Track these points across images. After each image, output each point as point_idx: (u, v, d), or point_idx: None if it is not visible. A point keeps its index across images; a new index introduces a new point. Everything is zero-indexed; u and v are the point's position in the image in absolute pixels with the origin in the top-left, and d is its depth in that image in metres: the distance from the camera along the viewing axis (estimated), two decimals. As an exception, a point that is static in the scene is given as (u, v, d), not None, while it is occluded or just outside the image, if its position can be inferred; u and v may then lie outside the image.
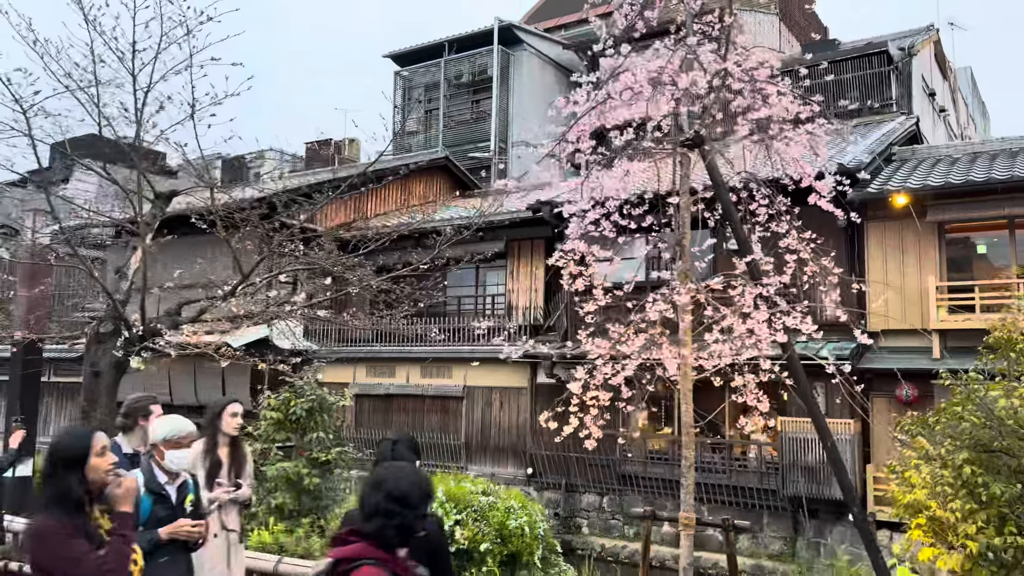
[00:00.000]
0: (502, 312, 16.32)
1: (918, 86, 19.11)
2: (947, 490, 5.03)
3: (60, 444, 2.99)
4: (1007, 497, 5.06)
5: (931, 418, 5.83)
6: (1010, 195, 10.97)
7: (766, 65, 5.23)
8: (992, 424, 5.20)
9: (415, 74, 26.13)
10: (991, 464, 5.24)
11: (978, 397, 5.32)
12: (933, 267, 12.11)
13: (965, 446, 5.25)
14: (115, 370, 7.63)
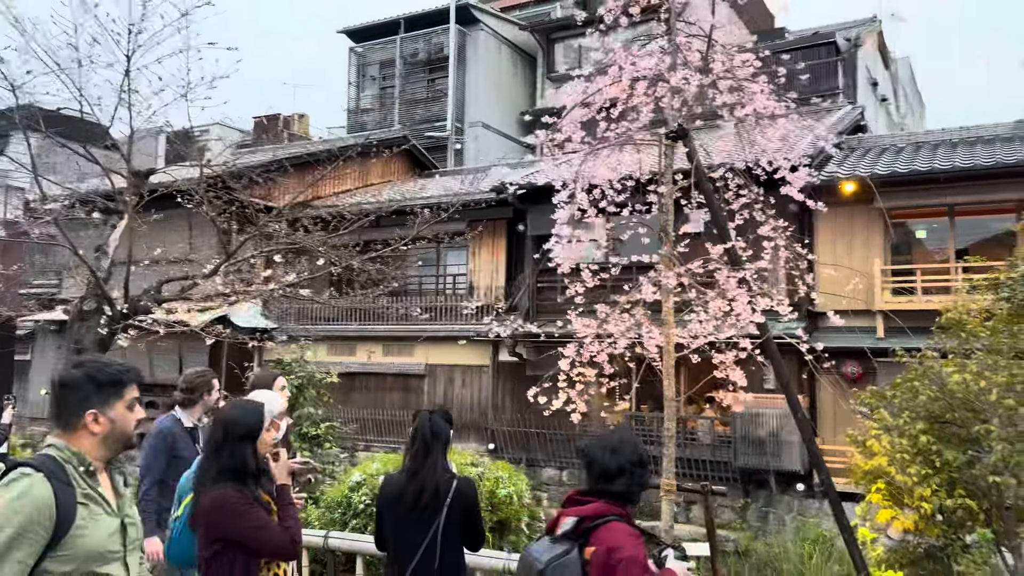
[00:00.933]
0: (463, 291, 16.57)
1: (863, 76, 19.90)
2: (905, 457, 5.54)
3: (235, 417, 3.05)
4: (957, 463, 5.59)
5: (888, 392, 6.35)
6: (951, 184, 11.67)
7: (747, 64, 5.59)
8: (944, 397, 5.72)
9: (370, 51, 25.97)
10: (943, 434, 5.77)
11: (933, 373, 5.83)
12: (879, 251, 12.78)
13: (921, 417, 5.76)
14: (99, 348, 7.67)
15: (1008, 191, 11.44)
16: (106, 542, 2.15)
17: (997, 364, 5.56)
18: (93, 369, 2.26)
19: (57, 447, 2.17)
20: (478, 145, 23.76)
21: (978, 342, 6.01)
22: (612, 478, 2.68)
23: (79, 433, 2.20)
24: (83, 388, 2.22)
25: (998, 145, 12.43)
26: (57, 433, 2.22)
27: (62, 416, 2.22)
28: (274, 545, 2.95)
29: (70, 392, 2.22)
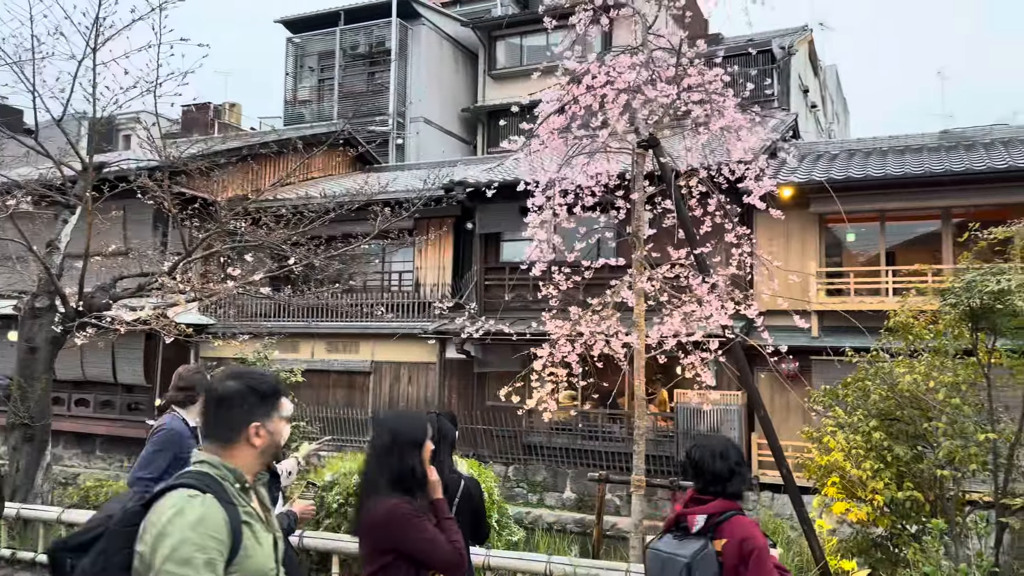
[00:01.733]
0: (410, 288, 16.55)
1: (795, 83, 20.67)
2: (860, 452, 5.89)
3: (404, 427, 2.98)
4: (906, 458, 5.98)
5: (840, 391, 6.72)
6: (883, 191, 12.28)
7: (718, 78, 5.84)
8: (895, 396, 6.11)
9: (309, 42, 25.58)
10: (893, 430, 6.16)
11: (883, 373, 6.21)
12: (813, 254, 13.35)
13: (873, 415, 6.13)
14: (52, 345, 7.46)
15: (935, 198, 12.12)
16: (267, 560, 2.09)
17: (944, 365, 5.97)
18: (253, 381, 2.19)
19: (212, 464, 2.09)
20: (419, 140, 23.70)
21: (924, 344, 6.42)
22: (726, 480, 2.94)
23: (238, 447, 2.13)
24: (246, 400, 2.15)
25: (925, 154, 13.15)
26: (211, 448, 2.14)
27: (220, 430, 2.14)
28: (444, 559, 2.88)
29: (232, 405, 2.14)
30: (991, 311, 5.78)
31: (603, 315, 6.39)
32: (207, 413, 2.18)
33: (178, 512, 1.93)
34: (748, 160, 6.41)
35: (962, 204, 12.15)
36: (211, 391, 2.18)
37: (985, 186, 11.65)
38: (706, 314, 5.82)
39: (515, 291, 15.22)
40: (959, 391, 5.85)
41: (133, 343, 15.96)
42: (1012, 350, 6.11)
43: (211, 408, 2.16)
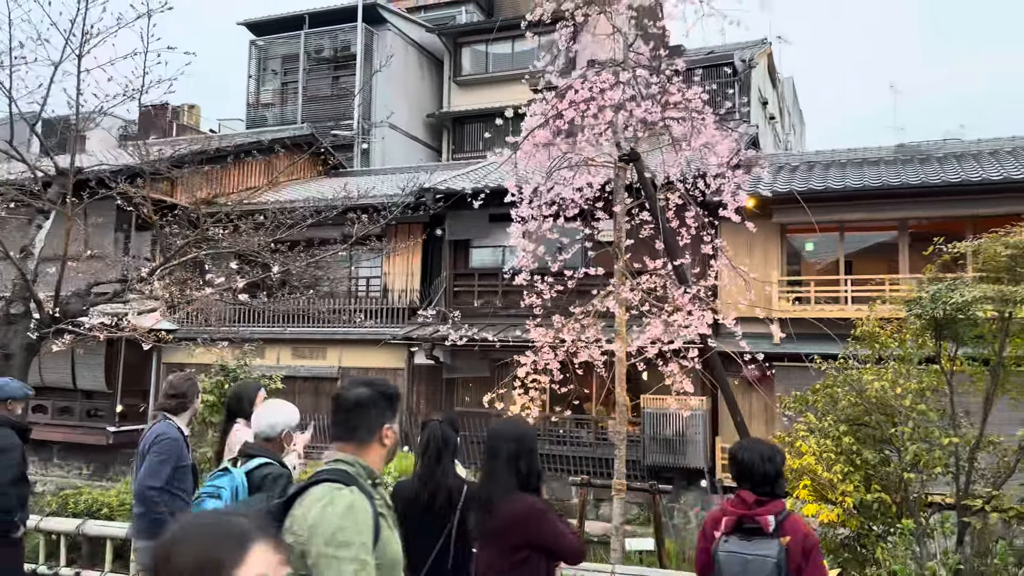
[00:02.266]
0: (378, 294, 16.56)
1: (756, 96, 21.17)
2: (830, 456, 6.13)
3: (524, 434, 3.25)
4: (874, 461, 6.25)
5: (810, 397, 6.98)
6: (843, 202, 12.69)
7: (697, 96, 6.06)
8: (863, 402, 6.37)
9: (272, 44, 25.42)
10: (861, 435, 6.42)
11: (852, 380, 6.47)
12: (776, 262, 13.72)
13: (842, 420, 6.39)
14: (27, 352, 7.37)
15: (892, 210, 12.56)
16: (398, 549, 2.24)
17: (909, 372, 6.25)
18: (380, 386, 2.36)
19: (347, 461, 2.21)
20: (385, 145, 23.69)
21: (889, 352, 6.71)
22: (774, 481, 3.12)
23: (371, 447, 2.28)
24: (379, 404, 2.31)
25: (882, 167, 13.62)
26: (345, 447, 2.26)
27: (357, 431, 2.27)
28: (572, 550, 3.13)
29: (368, 408, 2.29)
30: (954, 321, 6.09)
31: (585, 323, 6.55)
32: (341, 417, 2.32)
33: (329, 502, 2.07)
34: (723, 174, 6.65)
35: (918, 216, 12.63)
36: (345, 397, 2.33)
37: (940, 199, 12.13)
38: (686, 323, 6.02)
39: (483, 297, 15.35)
40: (924, 397, 6.13)
41: (94, 348, 15.67)
42: (973, 358, 6.42)
43: (345, 412, 2.31)
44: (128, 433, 16.15)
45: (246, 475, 3.40)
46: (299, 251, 8.92)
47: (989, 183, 11.54)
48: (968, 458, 6.18)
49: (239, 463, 3.49)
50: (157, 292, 7.34)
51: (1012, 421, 6.74)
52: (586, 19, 6.65)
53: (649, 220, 7.16)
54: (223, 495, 3.31)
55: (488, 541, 3.22)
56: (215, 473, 3.49)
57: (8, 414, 4.95)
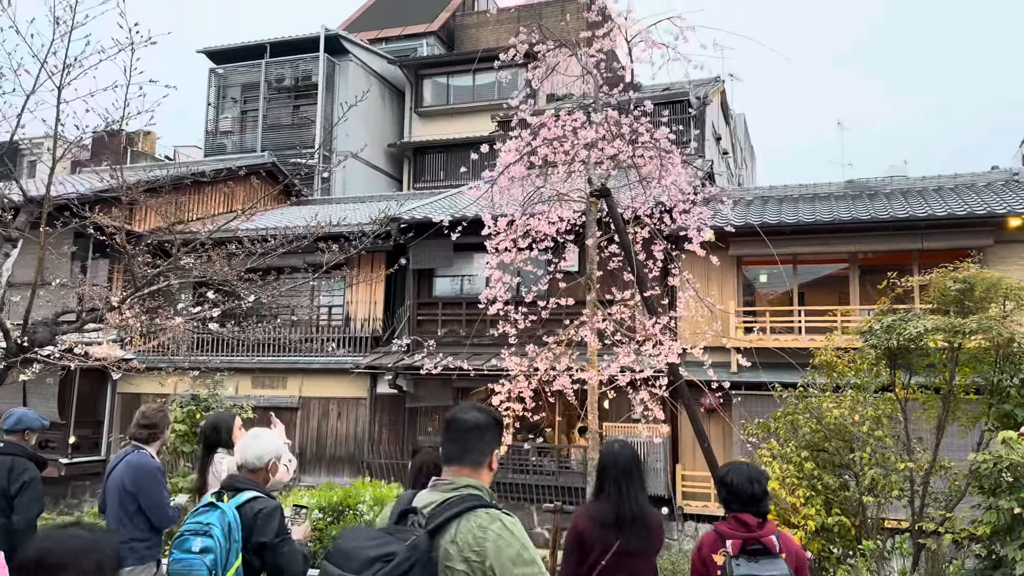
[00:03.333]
0: (339, 323, 16.53)
1: (710, 131, 21.81)
2: (794, 481, 6.38)
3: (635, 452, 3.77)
4: (834, 486, 6.52)
5: (772, 424, 7.24)
6: (796, 236, 13.17)
7: (665, 137, 6.34)
8: (823, 429, 6.65)
9: (232, 73, 25.38)
10: (820, 460, 6.69)
11: (812, 407, 6.76)
12: (733, 293, 14.11)
13: (803, 447, 6.66)
14: (-7, 383, 7.27)
15: (844, 243, 13.08)
16: None
17: (866, 400, 6.55)
18: (493, 413, 2.47)
19: (475, 486, 2.30)
20: (346, 174, 23.75)
21: (846, 380, 7.02)
22: (761, 500, 3.29)
23: (484, 470, 2.36)
24: (492, 429, 2.41)
25: (833, 202, 14.17)
26: (461, 470, 2.34)
27: (471, 454, 2.34)
28: None
29: (484, 433, 2.38)
30: (907, 351, 6.42)
31: (557, 352, 6.73)
32: (458, 439, 2.38)
33: (502, 526, 2.17)
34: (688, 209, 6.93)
35: (867, 249, 13.15)
36: (462, 420, 2.41)
37: (888, 233, 12.67)
38: (656, 352, 6.24)
39: (447, 326, 15.45)
40: (880, 424, 6.43)
41: (47, 379, 15.34)
42: (925, 386, 6.76)
43: (463, 434, 2.38)
44: (81, 465, 15.78)
45: (236, 510, 3.26)
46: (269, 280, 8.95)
47: (934, 219, 12.12)
48: (922, 482, 6.48)
49: (225, 497, 3.33)
50: (128, 321, 7.30)
51: (962, 447, 7.09)
52: (557, 62, 6.91)
53: (617, 253, 7.40)
54: (213, 532, 3.17)
55: (640, 553, 3.58)
56: (199, 508, 3.33)
57: (25, 445, 4.92)
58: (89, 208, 11.67)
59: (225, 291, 8.63)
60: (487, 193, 6.51)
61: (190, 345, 16.70)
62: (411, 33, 28.48)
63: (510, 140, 6.50)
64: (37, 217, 8.13)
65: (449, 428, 2.41)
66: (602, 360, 6.68)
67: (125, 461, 4.55)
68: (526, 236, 6.62)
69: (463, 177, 22.53)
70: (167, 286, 7.94)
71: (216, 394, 7.84)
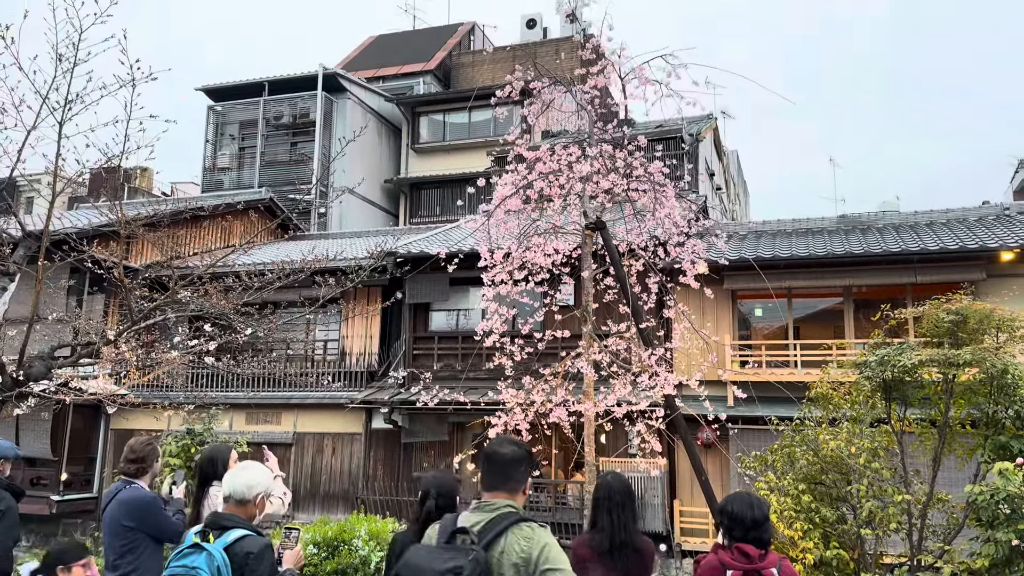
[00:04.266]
0: (334, 358, 16.50)
1: (703, 167, 22.03)
2: (792, 514, 6.36)
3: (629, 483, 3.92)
4: (832, 519, 6.49)
5: (769, 457, 7.23)
6: (790, 270, 13.25)
7: (659, 171, 6.43)
8: (820, 461, 6.64)
9: (231, 110, 25.65)
10: (817, 493, 6.67)
11: (809, 440, 6.75)
12: (728, 327, 14.14)
13: (800, 479, 6.64)
14: (-13, 417, 7.25)
15: (838, 278, 13.16)
16: None
17: (862, 432, 6.56)
18: (523, 445, 2.79)
19: (512, 506, 2.60)
20: (343, 210, 23.89)
21: (842, 413, 7.02)
22: (762, 524, 3.27)
23: (519, 496, 2.67)
24: (526, 461, 2.73)
25: (826, 236, 14.29)
26: (498, 494, 2.64)
27: (509, 482, 2.66)
28: None
29: (520, 464, 2.69)
30: (902, 383, 6.44)
31: (553, 384, 6.73)
32: (497, 468, 2.70)
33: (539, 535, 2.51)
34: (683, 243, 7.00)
35: (861, 283, 13.23)
36: (501, 452, 2.73)
37: (882, 267, 12.76)
38: (652, 384, 6.25)
39: (443, 360, 15.43)
40: (877, 456, 6.43)
41: (40, 415, 15.25)
42: (921, 419, 6.77)
43: (502, 464, 2.70)
44: (73, 502, 15.61)
45: (225, 551, 3.09)
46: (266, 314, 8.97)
47: (927, 253, 12.22)
48: (920, 515, 6.46)
49: (211, 536, 3.15)
50: (125, 355, 7.30)
51: (959, 480, 7.08)
52: (553, 98, 7.02)
53: (612, 285, 7.45)
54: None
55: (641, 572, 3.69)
56: (183, 550, 3.14)
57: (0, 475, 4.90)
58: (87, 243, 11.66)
59: (222, 325, 8.65)
60: (484, 226, 6.57)
61: (185, 380, 16.65)
62: (408, 72, 28.87)
63: (506, 174, 6.58)
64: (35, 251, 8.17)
65: (489, 461, 2.72)
66: (598, 392, 6.69)
67: (117, 499, 4.53)
68: (522, 268, 6.67)
69: (459, 212, 22.69)
70: (164, 320, 7.95)
71: (211, 428, 7.79)
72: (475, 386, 13.56)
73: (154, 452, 4.88)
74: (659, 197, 6.39)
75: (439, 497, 3.90)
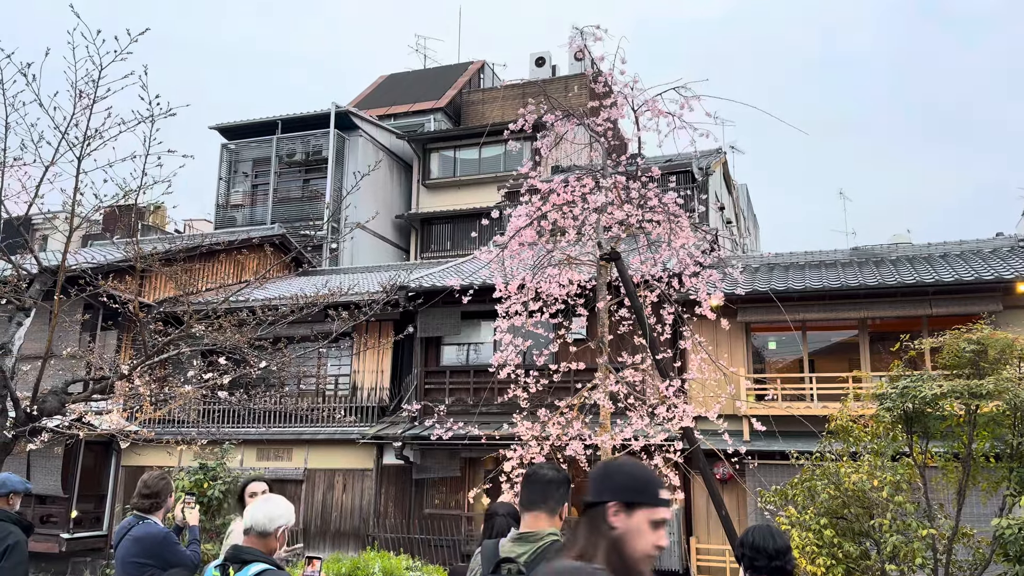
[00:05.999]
0: (346, 393, 16.43)
1: (713, 201, 22.07)
2: (814, 549, 6.22)
3: None
4: (855, 555, 6.35)
5: (789, 491, 7.10)
6: (804, 303, 13.16)
7: (674, 202, 6.43)
8: (842, 495, 6.52)
9: (244, 148, 25.95)
10: (840, 527, 6.53)
11: (830, 473, 6.63)
12: (742, 360, 14.03)
13: (822, 513, 6.51)
14: (1, 451, 7.23)
15: (852, 310, 13.06)
16: None
17: (885, 465, 6.44)
18: (562, 470, 2.85)
19: (556, 534, 2.62)
20: (354, 245, 24.00)
21: (863, 446, 6.91)
22: (785, 554, 3.17)
23: (555, 519, 2.69)
24: (565, 485, 2.78)
25: (839, 269, 14.22)
26: (539, 516, 2.67)
27: (550, 503, 2.69)
28: None
29: (559, 486, 2.74)
30: (923, 415, 6.34)
31: (569, 417, 6.67)
32: (537, 489, 2.73)
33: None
34: (698, 273, 6.97)
35: (876, 315, 13.12)
36: (541, 473, 2.78)
37: (897, 299, 12.66)
38: (670, 415, 6.18)
39: (455, 395, 15.35)
40: (900, 489, 6.31)
41: (52, 451, 15.20)
42: (943, 452, 6.65)
43: (542, 485, 2.74)
44: (82, 540, 15.49)
45: None
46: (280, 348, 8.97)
47: (942, 284, 12.13)
48: (945, 550, 6.32)
49: (231, 571, 3.12)
50: (139, 389, 7.28)
51: (984, 515, 6.93)
52: (566, 131, 7.06)
53: (627, 317, 7.41)
54: None
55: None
56: None
57: (9, 509, 4.87)
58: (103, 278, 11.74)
59: (235, 359, 8.64)
60: (498, 256, 6.57)
61: (197, 416, 16.60)
62: (419, 109, 29.22)
63: (520, 206, 6.59)
64: (50, 287, 8.23)
65: (529, 481, 2.77)
66: (614, 425, 6.61)
67: (130, 536, 4.49)
68: (536, 299, 6.65)
69: (469, 247, 22.79)
70: (178, 354, 7.95)
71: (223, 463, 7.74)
72: (487, 421, 13.44)
73: (168, 487, 4.85)
74: (674, 227, 6.38)
75: (507, 516, 3.89)
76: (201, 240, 15.38)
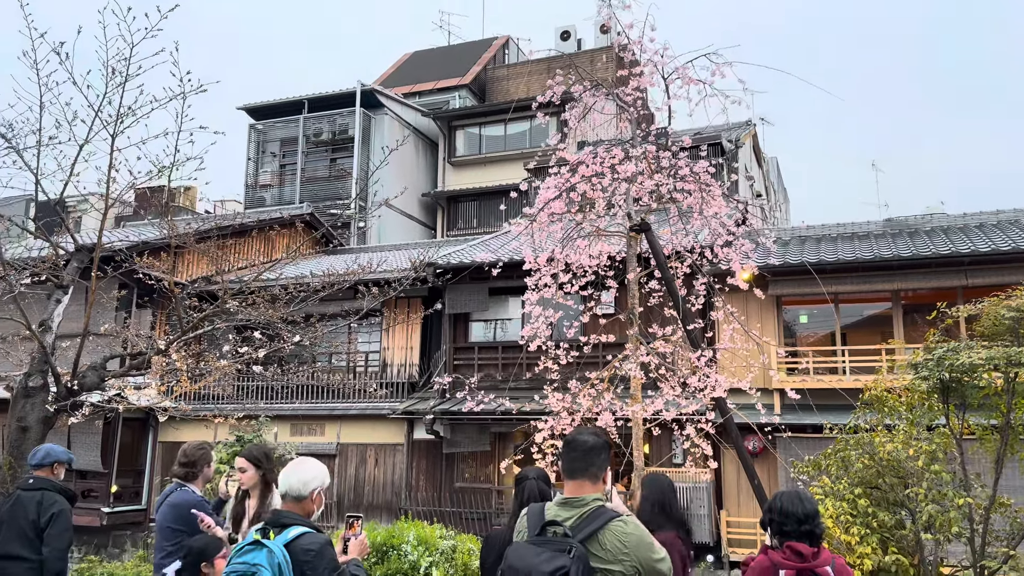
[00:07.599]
0: (376, 369, 16.59)
1: (742, 174, 21.81)
2: (848, 519, 6.20)
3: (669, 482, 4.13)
4: (890, 524, 6.31)
5: (823, 462, 7.07)
6: (837, 275, 13.00)
7: (706, 170, 6.37)
8: (876, 465, 6.47)
9: (271, 128, 26.08)
10: (874, 497, 6.49)
11: (864, 443, 6.59)
12: (773, 333, 13.91)
13: (857, 483, 6.47)
14: (43, 425, 7.39)
15: (885, 282, 12.88)
16: None
17: (920, 435, 6.38)
18: (601, 435, 2.86)
19: (600, 498, 2.69)
20: (381, 223, 24.10)
21: (897, 416, 6.84)
22: (814, 518, 3.20)
23: (599, 485, 2.73)
24: (605, 450, 2.79)
25: (872, 240, 14.01)
26: (583, 483, 2.71)
27: (591, 469, 2.73)
28: None
29: (600, 452, 2.76)
30: (960, 384, 6.24)
31: (600, 388, 6.67)
32: (579, 456, 2.76)
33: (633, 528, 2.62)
34: (731, 243, 6.91)
35: (910, 287, 12.94)
36: (582, 439, 2.80)
37: (931, 270, 12.47)
38: (702, 387, 6.16)
39: (483, 371, 15.42)
40: (936, 459, 6.24)
41: (91, 427, 15.56)
42: (981, 422, 6.56)
43: (584, 452, 2.76)
44: (122, 514, 15.87)
45: (285, 547, 3.03)
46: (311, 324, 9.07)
47: (978, 254, 11.92)
48: (982, 519, 6.25)
49: (272, 534, 3.09)
50: (176, 364, 7.41)
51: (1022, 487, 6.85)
52: (594, 101, 7.00)
53: (657, 289, 7.37)
54: (262, 574, 2.93)
55: None
56: (243, 547, 3.07)
57: (54, 479, 5.01)
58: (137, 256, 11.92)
59: (268, 335, 8.75)
60: (527, 229, 6.56)
61: (232, 392, 16.85)
62: (444, 86, 29.11)
63: (549, 177, 6.56)
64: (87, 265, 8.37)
65: (570, 447, 2.78)
66: (646, 397, 6.61)
67: (167, 502, 4.63)
68: (567, 271, 6.64)
69: (496, 223, 22.78)
70: (213, 329, 8.07)
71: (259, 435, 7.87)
72: (516, 396, 13.47)
73: (206, 456, 4.95)
74: (705, 197, 6.32)
75: (538, 479, 3.94)
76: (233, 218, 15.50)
